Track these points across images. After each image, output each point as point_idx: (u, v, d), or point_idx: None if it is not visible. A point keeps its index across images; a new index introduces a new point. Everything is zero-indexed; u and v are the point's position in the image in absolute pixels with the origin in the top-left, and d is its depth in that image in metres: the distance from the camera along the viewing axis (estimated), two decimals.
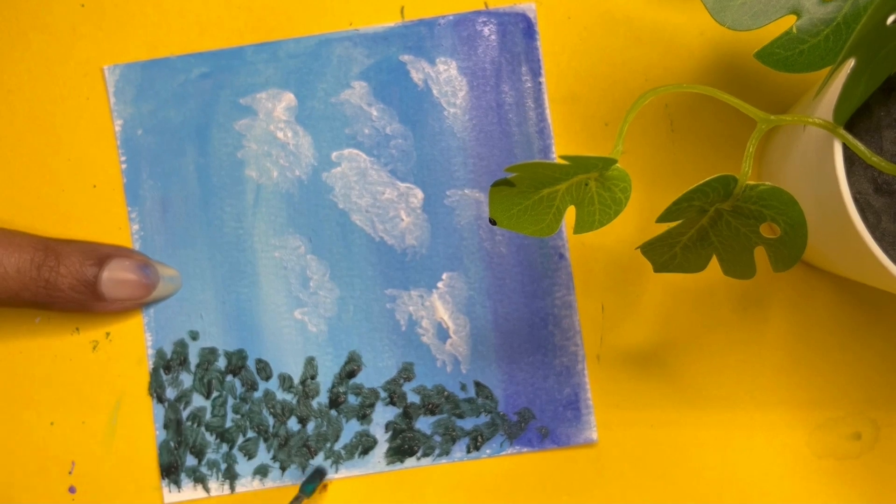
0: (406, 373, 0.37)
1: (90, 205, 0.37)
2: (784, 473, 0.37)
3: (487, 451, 0.37)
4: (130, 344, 0.37)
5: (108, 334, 0.37)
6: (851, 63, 0.26)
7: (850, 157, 0.29)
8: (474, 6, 0.37)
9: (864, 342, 0.37)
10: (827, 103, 0.28)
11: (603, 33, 0.37)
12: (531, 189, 0.28)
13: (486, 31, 0.37)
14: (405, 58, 0.37)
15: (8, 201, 0.37)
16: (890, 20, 0.25)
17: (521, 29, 0.37)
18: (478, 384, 0.37)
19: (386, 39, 0.37)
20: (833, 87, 0.28)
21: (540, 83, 0.37)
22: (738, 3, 0.29)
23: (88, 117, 0.37)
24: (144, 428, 0.37)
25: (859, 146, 0.27)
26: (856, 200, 0.28)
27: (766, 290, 0.37)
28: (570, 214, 0.37)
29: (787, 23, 0.29)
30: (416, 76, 0.37)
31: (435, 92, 0.37)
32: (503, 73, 0.37)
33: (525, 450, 0.37)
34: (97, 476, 0.37)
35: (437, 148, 0.37)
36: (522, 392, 0.37)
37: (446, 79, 0.37)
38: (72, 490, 0.37)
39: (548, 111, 0.37)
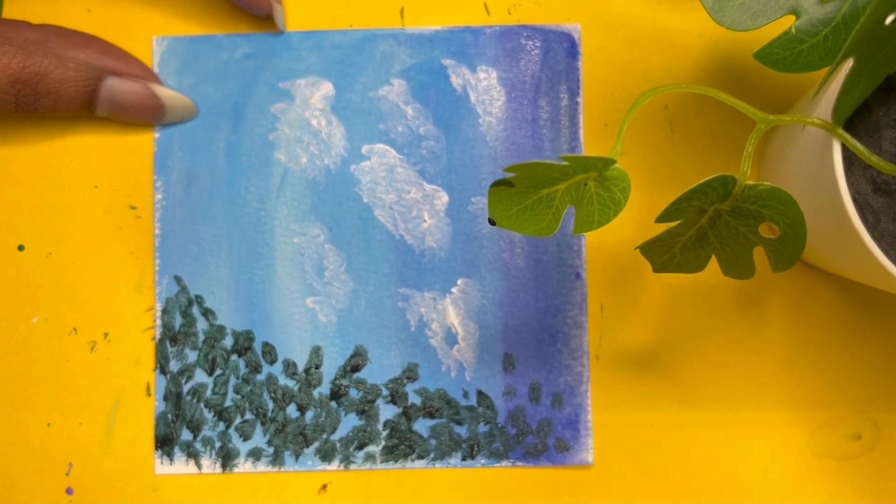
0: (410, 373, 0.37)
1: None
2: (784, 474, 0.37)
3: (482, 461, 0.37)
4: (129, 345, 0.37)
5: (106, 335, 0.37)
6: (850, 63, 0.26)
7: (849, 157, 0.29)
8: (476, 10, 0.38)
9: (865, 342, 0.37)
10: (826, 103, 0.28)
11: (602, 34, 0.38)
12: (530, 189, 0.28)
13: (529, 45, 0.38)
14: (447, 62, 0.38)
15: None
16: (888, 20, 0.25)
17: (564, 48, 0.38)
18: (480, 393, 0.37)
19: (431, 42, 0.38)
20: (832, 87, 0.28)
21: (577, 103, 0.38)
22: (736, 3, 0.30)
23: None
24: (143, 429, 0.37)
25: (858, 146, 0.27)
26: (855, 200, 0.28)
27: (766, 290, 0.37)
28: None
29: (786, 23, 0.29)
30: (456, 81, 0.38)
31: (472, 99, 0.38)
32: (542, 89, 0.38)
33: (520, 464, 0.37)
34: (95, 478, 0.37)
35: (468, 154, 0.38)
36: (524, 406, 0.37)
37: (485, 87, 0.38)
38: (69, 491, 0.37)
39: (581, 132, 0.37)
